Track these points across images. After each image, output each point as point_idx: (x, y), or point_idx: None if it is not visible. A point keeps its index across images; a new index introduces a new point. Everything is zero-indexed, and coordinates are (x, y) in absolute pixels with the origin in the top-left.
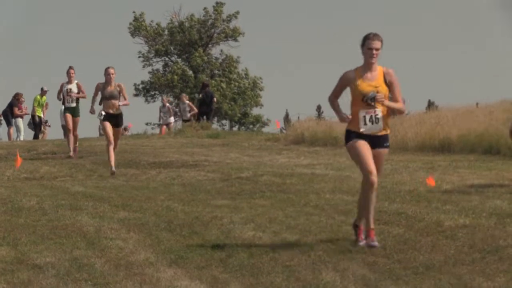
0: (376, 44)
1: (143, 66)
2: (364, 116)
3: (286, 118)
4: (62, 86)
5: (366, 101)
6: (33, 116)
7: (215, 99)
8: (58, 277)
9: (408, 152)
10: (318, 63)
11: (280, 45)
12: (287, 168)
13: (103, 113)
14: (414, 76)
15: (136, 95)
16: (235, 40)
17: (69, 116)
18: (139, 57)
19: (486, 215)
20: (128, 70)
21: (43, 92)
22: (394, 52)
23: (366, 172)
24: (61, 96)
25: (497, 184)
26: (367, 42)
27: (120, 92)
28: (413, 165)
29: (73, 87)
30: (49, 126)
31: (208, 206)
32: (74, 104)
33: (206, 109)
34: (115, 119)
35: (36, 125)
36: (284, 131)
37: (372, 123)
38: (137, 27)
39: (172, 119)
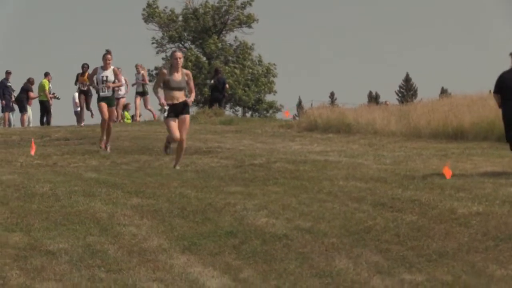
0: None
1: (157, 53)
2: None
3: (299, 105)
4: (95, 72)
5: None
6: (43, 102)
7: (227, 86)
8: (71, 263)
9: (421, 139)
10: (332, 50)
11: (294, 32)
12: (300, 155)
13: (166, 107)
14: (427, 63)
15: (149, 80)
16: (249, 27)
17: (104, 105)
18: (153, 43)
19: (500, 203)
20: (142, 56)
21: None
22: (408, 40)
23: None
24: (95, 83)
25: (510, 171)
26: None
27: (187, 82)
28: (426, 153)
29: (110, 74)
30: (58, 98)
31: (221, 192)
32: (110, 93)
33: (218, 95)
34: (181, 106)
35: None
36: (297, 117)
37: None
38: (151, 14)
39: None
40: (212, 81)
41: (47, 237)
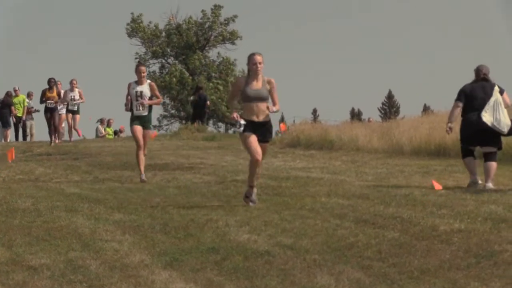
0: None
1: None
2: None
3: (282, 121)
4: (129, 88)
5: None
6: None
7: (208, 102)
8: (53, 279)
9: (403, 156)
10: (314, 67)
11: (277, 48)
12: (282, 171)
13: (242, 122)
14: (410, 81)
15: None
16: (233, 43)
17: (138, 128)
18: (136, 58)
19: (481, 220)
20: (124, 71)
21: (16, 92)
22: (391, 57)
23: None
24: (129, 102)
25: (493, 189)
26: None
27: (270, 91)
28: (408, 169)
29: (145, 89)
30: (38, 111)
31: (203, 208)
32: (145, 112)
33: (199, 111)
34: (263, 129)
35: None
36: (279, 134)
37: None
38: (135, 28)
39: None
40: (192, 98)
41: (29, 252)
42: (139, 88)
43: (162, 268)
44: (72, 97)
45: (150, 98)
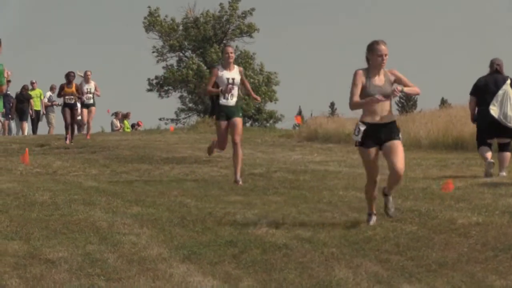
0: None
1: (157, 61)
2: None
3: (300, 115)
4: (215, 74)
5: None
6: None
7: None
8: (70, 272)
9: (421, 149)
10: (333, 60)
11: (295, 42)
12: (300, 165)
13: (362, 127)
14: (428, 73)
15: (149, 90)
16: (250, 36)
17: (224, 125)
18: (153, 52)
19: (499, 213)
20: (142, 65)
21: (33, 85)
22: (409, 50)
23: None
24: (217, 88)
25: (509, 182)
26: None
27: (397, 81)
28: (426, 163)
29: (236, 75)
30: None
31: (221, 202)
32: (233, 102)
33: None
34: (385, 130)
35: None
36: (297, 127)
37: None
38: (152, 22)
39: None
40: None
41: (47, 246)
42: (228, 75)
43: (180, 261)
44: (88, 90)
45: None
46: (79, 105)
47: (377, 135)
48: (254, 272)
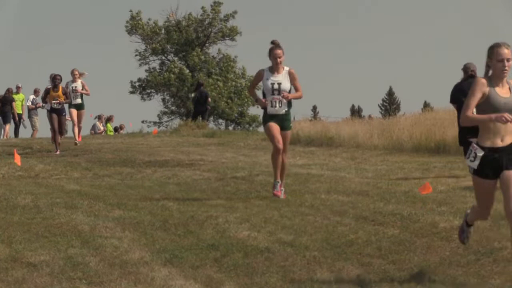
0: None
1: (140, 65)
2: None
3: None
4: (260, 77)
5: None
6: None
7: (209, 99)
8: (52, 276)
9: (403, 153)
10: (314, 63)
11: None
12: None
13: (479, 152)
14: (410, 77)
15: (132, 92)
16: (233, 39)
17: (275, 126)
18: (136, 55)
19: None
20: (125, 68)
21: (18, 89)
22: (392, 54)
23: None
24: (260, 94)
25: None
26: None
27: None
28: (408, 166)
29: (283, 79)
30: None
31: (203, 205)
32: (283, 110)
33: (201, 108)
34: (508, 156)
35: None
36: None
37: None
38: (134, 26)
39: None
40: (193, 94)
41: (29, 249)
42: (274, 78)
43: (162, 265)
44: (74, 88)
45: (289, 91)
46: (68, 110)
47: (498, 162)
48: (236, 276)
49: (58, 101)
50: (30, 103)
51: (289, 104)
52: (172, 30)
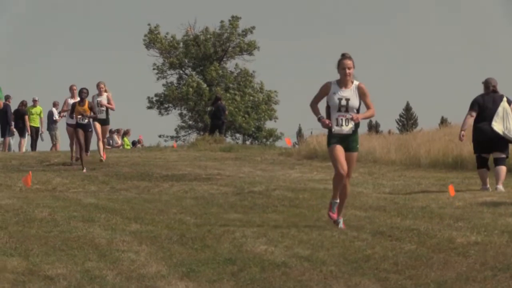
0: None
1: (157, 79)
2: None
3: (299, 133)
4: (326, 90)
5: None
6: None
7: (226, 112)
8: None
9: (421, 168)
10: (332, 78)
11: (294, 59)
12: (299, 183)
13: None
14: (427, 92)
15: (149, 107)
16: (251, 54)
17: (339, 148)
18: (154, 69)
19: (498, 233)
20: (142, 82)
21: (34, 103)
22: (410, 69)
23: None
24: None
25: (509, 202)
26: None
27: None
28: (425, 182)
29: (351, 94)
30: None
31: (220, 219)
32: (351, 130)
33: (218, 122)
34: None
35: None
36: (297, 145)
37: None
38: (152, 40)
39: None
40: (209, 108)
41: (46, 262)
42: (342, 93)
43: (178, 279)
44: (98, 102)
45: (358, 109)
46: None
47: None
48: None
49: (83, 115)
50: (57, 116)
51: (357, 123)
52: (190, 44)
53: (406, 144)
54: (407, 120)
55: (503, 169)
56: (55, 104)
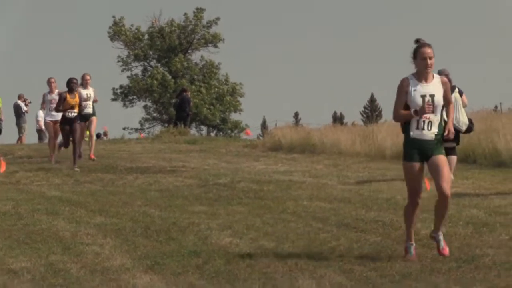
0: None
1: (122, 71)
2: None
3: (264, 125)
4: (405, 86)
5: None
6: None
7: (191, 104)
8: (33, 282)
9: (385, 160)
10: (296, 70)
11: (259, 52)
12: (264, 175)
13: None
14: (392, 85)
15: (114, 99)
16: (215, 46)
17: (416, 168)
18: (118, 61)
19: (463, 224)
20: (106, 75)
21: None
22: (374, 61)
23: None
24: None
25: (473, 193)
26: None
27: None
28: (390, 174)
29: (436, 89)
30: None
31: (185, 212)
32: (434, 132)
33: (182, 114)
34: None
35: None
36: (261, 137)
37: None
38: (117, 32)
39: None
40: (174, 100)
41: (10, 256)
42: (425, 89)
43: (143, 271)
44: (88, 95)
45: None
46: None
47: None
48: (218, 283)
49: (74, 110)
50: (25, 107)
51: (440, 124)
52: (155, 36)
53: (371, 136)
54: (372, 112)
55: (453, 159)
56: (20, 97)
